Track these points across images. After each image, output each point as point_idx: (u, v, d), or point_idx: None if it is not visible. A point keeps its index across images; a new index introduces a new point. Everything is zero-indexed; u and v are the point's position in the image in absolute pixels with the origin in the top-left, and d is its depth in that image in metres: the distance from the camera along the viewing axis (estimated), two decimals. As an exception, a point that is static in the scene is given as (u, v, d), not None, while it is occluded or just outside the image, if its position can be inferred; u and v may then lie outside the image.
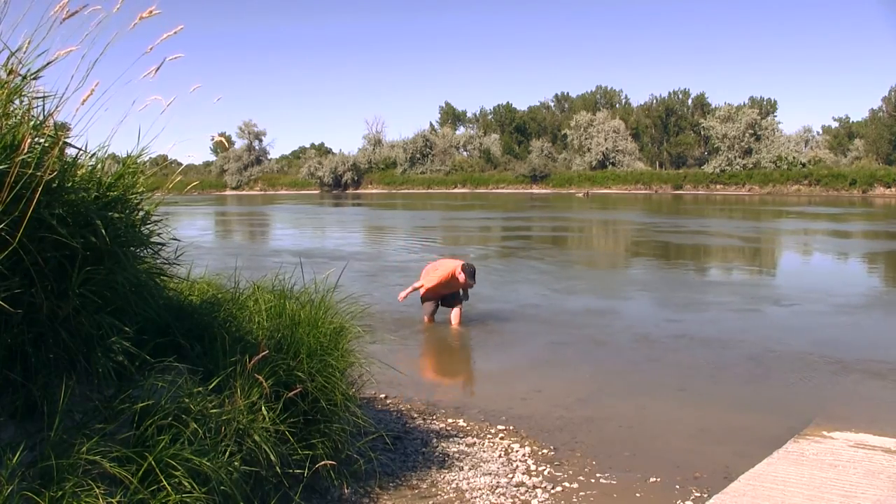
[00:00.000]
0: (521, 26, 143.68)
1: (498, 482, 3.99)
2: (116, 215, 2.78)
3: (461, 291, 8.40)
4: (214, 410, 2.89)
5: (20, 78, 2.54)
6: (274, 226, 30.81)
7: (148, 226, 3.05)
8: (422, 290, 8.38)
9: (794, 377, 6.35)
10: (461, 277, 8.14)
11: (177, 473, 2.51)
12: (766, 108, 73.82)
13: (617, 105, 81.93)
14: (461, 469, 4.14)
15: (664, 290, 11.47)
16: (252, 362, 3.12)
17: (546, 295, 10.90)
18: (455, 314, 8.38)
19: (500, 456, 4.42)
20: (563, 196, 57.61)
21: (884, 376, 6.41)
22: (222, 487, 2.65)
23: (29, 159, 2.36)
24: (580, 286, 12.42)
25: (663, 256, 17.27)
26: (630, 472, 4.22)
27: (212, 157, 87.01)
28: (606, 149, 71.14)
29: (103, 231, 2.56)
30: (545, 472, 4.20)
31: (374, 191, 74.96)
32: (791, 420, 5.08)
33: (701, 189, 63.26)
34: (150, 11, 2.52)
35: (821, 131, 77.52)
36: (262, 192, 77.73)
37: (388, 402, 5.51)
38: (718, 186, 63.30)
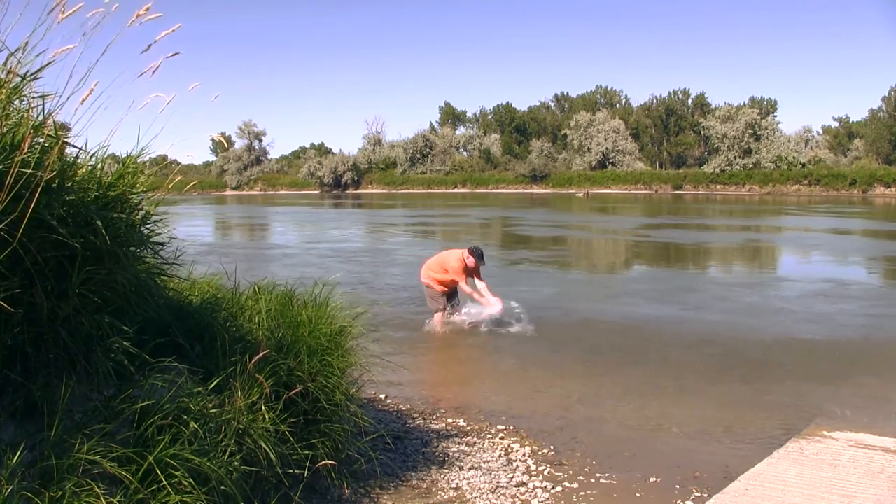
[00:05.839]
0: (521, 26, 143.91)
1: (498, 482, 3.99)
2: (116, 215, 2.77)
3: (458, 291, 8.35)
4: (214, 410, 2.89)
5: (19, 78, 2.53)
6: (274, 225, 30.79)
7: (148, 226, 3.05)
8: (435, 284, 8.12)
9: (794, 377, 6.35)
10: (470, 261, 8.04)
11: (177, 473, 2.50)
12: (766, 108, 73.83)
13: (617, 105, 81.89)
14: (461, 469, 4.14)
15: (663, 292, 11.47)
16: (252, 362, 3.12)
17: (545, 296, 10.89)
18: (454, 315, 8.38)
19: (500, 456, 4.42)
20: (563, 196, 57.59)
21: (884, 376, 6.41)
22: (222, 487, 2.64)
23: (29, 159, 2.35)
24: (579, 287, 12.42)
25: (662, 258, 17.27)
26: (630, 472, 4.22)
27: (212, 157, 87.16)
28: (606, 149, 71.11)
29: (103, 231, 2.55)
30: (545, 472, 4.20)
31: (374, 191, 74.96)
32: (791, 420, 5.08)
33: (701, 189, 63.28)
34: (147, 9, 2.52)
35: (821, 131, 77.66)
36: (262, 192, 77.73)
37: (388, 402, 5.51)
38: (718, 186, 63.32)
